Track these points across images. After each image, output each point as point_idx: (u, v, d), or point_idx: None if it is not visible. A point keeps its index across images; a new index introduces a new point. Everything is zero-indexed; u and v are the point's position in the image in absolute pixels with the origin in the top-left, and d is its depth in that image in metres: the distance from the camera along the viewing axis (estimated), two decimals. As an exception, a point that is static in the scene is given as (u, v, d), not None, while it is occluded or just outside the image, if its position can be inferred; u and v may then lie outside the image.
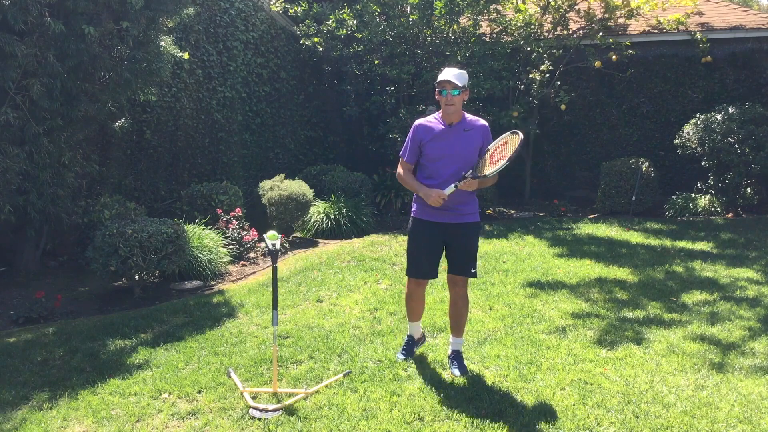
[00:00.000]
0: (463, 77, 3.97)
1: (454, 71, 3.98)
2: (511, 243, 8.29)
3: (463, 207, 4.06)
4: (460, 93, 3.93)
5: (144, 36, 6.72)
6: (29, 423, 3.61)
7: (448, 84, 3.92)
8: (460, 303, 4.22)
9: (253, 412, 3.66)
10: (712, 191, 10.21)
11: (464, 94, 3.98)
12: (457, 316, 4.25)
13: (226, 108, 9.90)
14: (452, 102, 3.94)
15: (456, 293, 4.22)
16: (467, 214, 4.08)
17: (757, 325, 5.05)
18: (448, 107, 3.98)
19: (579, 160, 12.20)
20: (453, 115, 4.02)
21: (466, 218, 4.08)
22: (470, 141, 4.01)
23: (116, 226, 5.91)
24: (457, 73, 3.95)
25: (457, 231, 4.08)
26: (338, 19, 10.88)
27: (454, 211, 4.05)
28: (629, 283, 6.33)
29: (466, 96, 4.01)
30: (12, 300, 6.02)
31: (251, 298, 5.92)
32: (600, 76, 11.64)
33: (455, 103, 3.95)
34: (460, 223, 4.07)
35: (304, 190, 8.69)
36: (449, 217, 4.06)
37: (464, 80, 3.97)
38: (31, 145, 6.14)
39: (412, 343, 4.47)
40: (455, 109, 3.99)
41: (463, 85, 3.94)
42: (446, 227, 4.08)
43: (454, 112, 4.00)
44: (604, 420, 3.56)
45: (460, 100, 3.96)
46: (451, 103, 3.95)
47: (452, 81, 3.90)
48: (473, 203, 4.13)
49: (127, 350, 4.69)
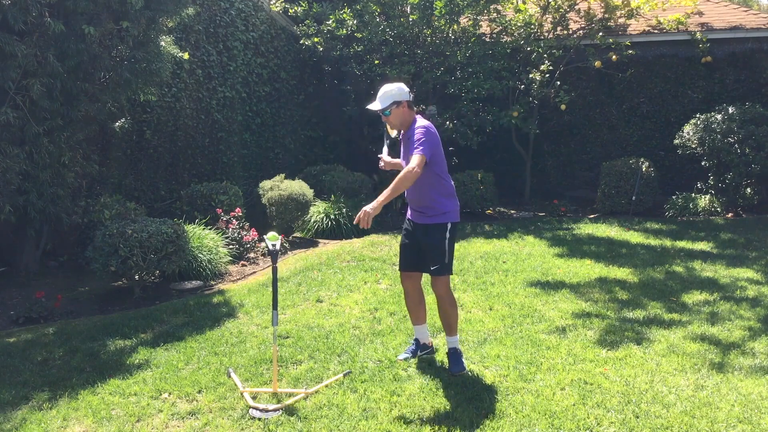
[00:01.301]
0: (387, 97, 4.16)
1: (379, 93, 4.21)
2: (511, 243, 8.29)
3: (425, 209, 4.24)
4: (390, 113, 4.18)
5: (144, 36, 6.73)
6: (29, 423, 3.61)
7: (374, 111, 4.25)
8: (440, 303, 4.25)
9: (253, 412, 3.66)
10: (712, 191, 10.20)
11: (399, 108, 4.17)
12: (442, 316, 4.27)
13: (226, 108, 9.90)
14: (388, 121, 4.28)
15: (434, 292, 4.26)
16: (431, 216, 4.22)
17: (757, 325, 5.05)
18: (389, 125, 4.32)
19: (579, 160, 12.20)
20: (401, 128, 4.27)
21: (430, 219, 4.23)
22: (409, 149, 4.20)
23: (116, 226, 5.92)
24: (380, 95, 4.21)
25: (422, 230, 4.26)
26: (338, 19, 10.88)
27: (420, 212, 4.27)
28: (629, 283, 6.33)
29: (403, 107, 4.19)
30: (12, 300, 6.02)
31: (251, 298, 5.92)
32: (600, 76, 11.64)
33: (390, 121, 4.25)
34: (424, 223, 4.26)
35: (304, 190, 8.69)
36: (418, 217, 4.30)
37: (389, 99, 4.15)
38: (31, 145, 6.14)
39: (417, 347, 4.45)
40: (394, 126, 4.29)
41: (391, 103, 4.15)
42: (416, 226, 4.32)
43: (396, 127, 4.29)
44: (604, 420, 3.56)
45: (395, 117, 4.19)
46: (388, 123, 4.29)
47: (373, 109, 4.20)
48: (438, 206, 4.20)
49: (127, 350, 4.69)
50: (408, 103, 4.19)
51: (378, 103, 4.17)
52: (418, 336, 4.47)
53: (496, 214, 10.81)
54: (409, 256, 4.37)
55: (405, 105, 4.18)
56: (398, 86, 4.19)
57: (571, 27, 11.53)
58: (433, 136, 4.11)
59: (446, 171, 4.27)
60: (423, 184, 4.14)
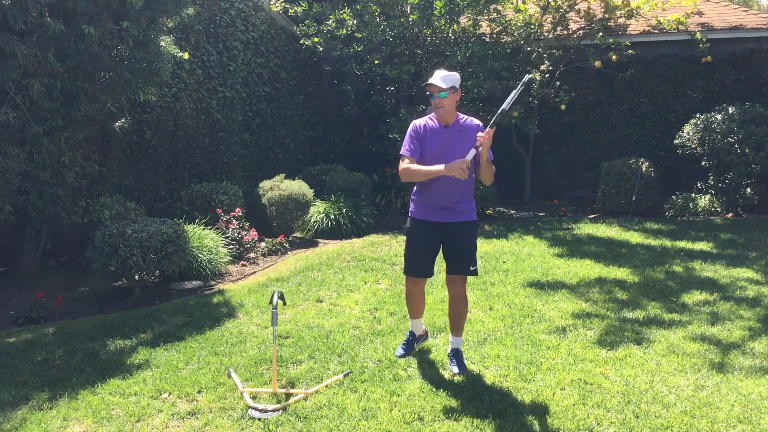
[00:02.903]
0: (450, 79, 3.97)
1: (442, 73, 3.99)
2: (511, 243, 8.29)
3: (459, 205, 4.07)
4: (448, 95, 3.94)
5: (144, 36, 6.72)
6: (29, 423, 3.61)
7: (434, 87, 3.96)
8: (459, 303, 4.22)
9: (253, 412, 3.65)
10: (712, 191, 10.21)
11: (454, 95, 3.99)
12: (457, 316, 4.26)
13: (226, 108, 9.90)
14: (440, 105, 3.98)
15: (455, 293, 4.21)
16: (463, 212, 4.09)
17: (757, 325, 5.05)
18: (438, 109, 4.02)
19: (579, 160, 12.20)
20: (446, 117, 4.04)
21: (462, 216, 4.09)
22: (465, 142, 3.98)
23: (116, 226, 5.92)
24: (443, 75, 3.97)
25: (454, 230, 4.09)
26: (338, 19, 10.88)
27: (451, 209, 4.07)
28: (629, 283, 6.33)
29: (457, 96, 4.02)
30: (12, 300, 6.02)
31: (251, 298, 5.92)
32: (600, 76, 11.64)
33: (443, 105, 3.97)
34: (456, 222, 4.08)
35: (304, 190, 8.69)
36: (446, 216, 4.08)
37: (451, 81, 3.96)
38: (31, 145, 6.14)
39: (413, 340, 4.48)
40: (444, 111, 4.01)
41: (451, 86, 3.95)
42: (443, 226, 4.09)
43: (445, 114, 4.02)
44: (604, 420, 3.56)
45: (449, 102, 3.98)
46: (439, 106, 3.98)
47: (436, 84, 3.93)
48: (469, 202, 4.14)
49: (127, 350, 4.69)
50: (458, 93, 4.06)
51: (441, 82, 3.91)
52: (414, 329, 4.49)
53: (496, 214, 10.81)
54: (431, 261, 4.22)
55: (458, 94, 4.04)
56: (457, 74, 4.07)
57: (571, 27, 11.53)
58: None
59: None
60: (465, 181, 3.98)
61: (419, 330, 4.51)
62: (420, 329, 4.52)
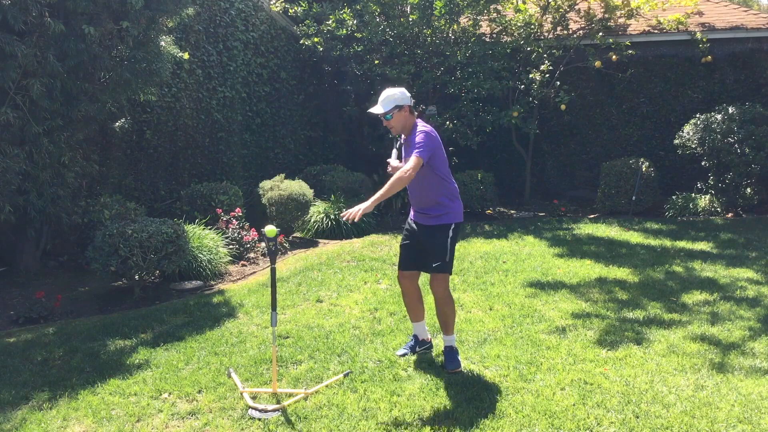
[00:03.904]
0: (389, 101, 4.19)
1: (382, 96, 4.21)
2: (511, 243, 8.29)
3: (429, 211, 4.28)
4: (392, 116, 4.18)
5: (144, 36, 6.72)
6: (29, 423, 3.61)
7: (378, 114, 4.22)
8: (439, 304, 4.28)
9: (253, 412, 3.66)
10: (712, 191, 10.20)
11: (401, 112, 4.19)
12: (440, 316, 4.31)
13: (226, 108, 9.90)
14: (390, 125, 4.26)
15: (433, 294, 4.29)
16: (434, 217, 4.26)
17: (757, 325, 5.05)
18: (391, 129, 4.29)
19: (579, 160, 12.20)
20: (403, 132, 4.27)
21: (434, 221, 4.27)
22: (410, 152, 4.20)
23: (116, 226, 5.91)
24: (382, 99, 4.21)
25: (426, 231, 4.30)
26: (338, 19, 10.88)
27: (423, 214, 4.31)
28: (629, 283, 6.33)
29: (405, 112, 4.21)
30: (12, 300, 6.02)
31: (251, 298, 5.92)
32: (600, 76, 11.64)
33: (392, 125, 4.24)
34: (427, 225, 4.29)
35: (304, 190, 8.69)
36: (421, 218, 4.33)
37: (392, 103, 4.16)
38: (31, 145, 6.14)
39: (416, 344, 4.48)
40: (396, 130, 4.28)
41: (394, 106, 4.16)
42: (419, 227, 4.34)
43: (398, 131, 4.28)
44: (604, 420, 3.56)
45: (396, 121, 4.20)
46: (390, 126, 4.27)
47: (375, 112, 4.19)
48: (440, 207, 4.25)
49: (127, 350, 4.69)
50: (410, 107, 4.23)
51: (380, 107, 4.19)
52: (416, 332, 4.51)
53: (496, 214, 10.81)
54: (409, 256, 4.41)
55: (407, 109, 4.21)
56: (400, 90, 4.22)
57: (571, 27, 11.53)
58: (434, 140, 4.13)
59: (449, 173, 4.30)
60: (426, 186, 4.19)
61: (423, 335, 4.51)
62: (423, 334, 4.51)
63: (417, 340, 4.49)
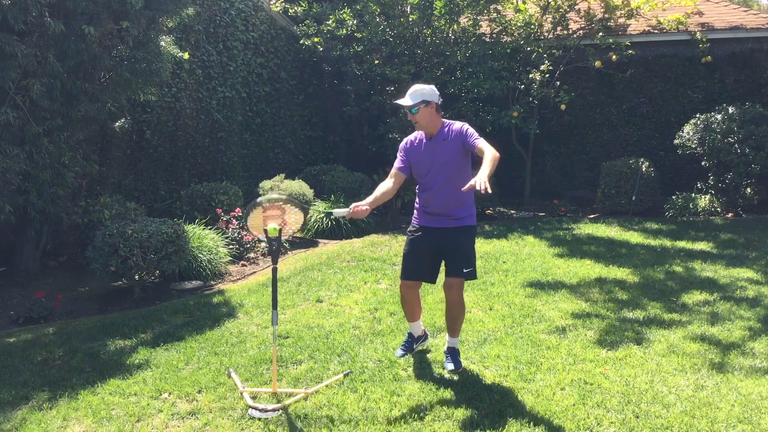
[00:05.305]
0: (418, 94, 4.07)
1: (411, 89, 4.12)
2: (511, 243, 8.29)
3: (456, 212, 4.14)
4: (418, 110, 4.05)
5: (144, 36, 6.73)
6: (29, 423, 3.61)
7: (405, 106, 4.11)
8: (454, 309, 4.22)
9: (253, 412, 3.65)
10: (712, 191, 10.20)
11: (427, 108, 4.07)
12: (452, 322, 4.27)
13: (226, 108, 9.90)
14: (414, 120, 4.10)
15: (450, 298, 4.21)
16: (460, 218, 4.15)
17: (757, 325, 5.05)
18: (415, 124, 4.14)
19: (579, 160, 12.20)
20: (427, 129, 4.12)
21: (459, 222, 4.15)
22: (448, 151, 4.08)
23: (116, 226, 5.91)
24: (412, 91, 4.10)
25: (451, 234, 4.15)
26: (338, 19, 10.88)
27: (448, 216, 4.15)
28: (629, 283, 6.33)
29: (431, 108, 4.09)
30: (12, 300, 6.02)
31: (251, 298, 5.92)
32: (600, 76, 11.65)
33: (417, 120, 4.09)
34: (453, 227, 4.16)
35: (304, 190, 8.70)
36: (444, 221, 4.16)
37: (420, 96, 4.06)
38: (31, 145, 6.14)
39: (412, 341, 4.48)
40: (420, 126, 4.12)
41: (421, 101, 4.05)
42: (441, 232, 4.16)
43: (422, 127, 4.13)
44: (604, 420, 3.56)
45: (422, 116, 4.07)
46: (414, 121, 4.11)
47: (404, 103, 4.07)
48: (467, 207, 4.18)
49: (127, 350, 4.69)
50: (437, 105, 4.12)
51: (408, 99, 4.07)
52: (412, 330, 4.49)
53: (496, 214, 10.81)
54: (418, 266, 4.25)
55: (433, 106, 4.09)
56: (430, 87, 4.14)
57: (571, 27, 11.53)
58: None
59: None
60: (460, 184, 3.92)
61: (418, 331, 4.51)
62: (419, 330, 4.52)
63: (413, 338, 4.48)
